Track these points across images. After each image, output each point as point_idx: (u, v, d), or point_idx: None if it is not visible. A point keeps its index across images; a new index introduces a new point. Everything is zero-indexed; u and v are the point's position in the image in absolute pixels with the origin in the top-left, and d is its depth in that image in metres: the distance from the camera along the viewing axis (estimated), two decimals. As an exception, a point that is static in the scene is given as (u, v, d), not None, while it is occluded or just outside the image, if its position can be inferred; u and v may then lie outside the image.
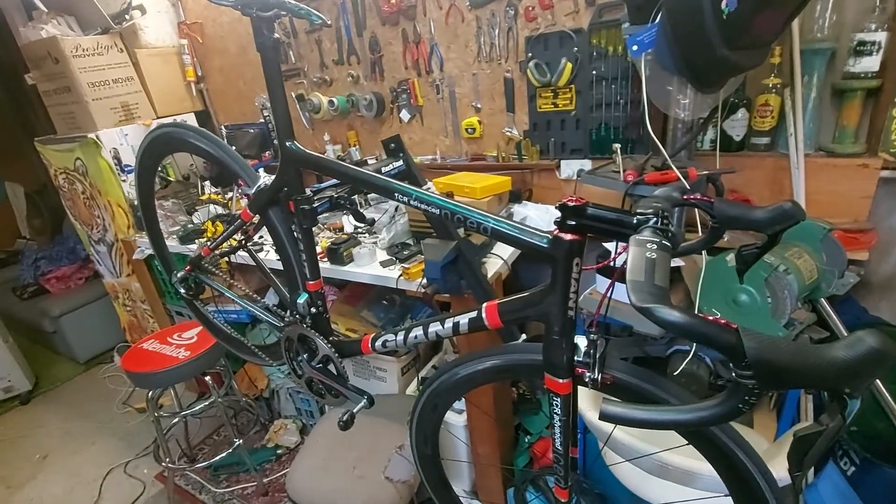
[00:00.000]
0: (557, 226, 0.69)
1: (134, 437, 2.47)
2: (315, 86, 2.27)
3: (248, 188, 1.04)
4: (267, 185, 1.03)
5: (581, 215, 0.66)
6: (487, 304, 0.81)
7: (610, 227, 0.65)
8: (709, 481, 1.02)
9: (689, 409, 0.51)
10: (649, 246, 0.57)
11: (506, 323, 0.80)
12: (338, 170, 0.89)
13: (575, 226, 0.67)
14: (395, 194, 0.82)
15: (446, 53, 1.91)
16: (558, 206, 0.68)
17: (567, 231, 0.68)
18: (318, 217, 1.01)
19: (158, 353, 1.86)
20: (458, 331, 0.85)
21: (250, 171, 1.07)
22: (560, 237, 0.68)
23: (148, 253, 2.32)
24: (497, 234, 0.74)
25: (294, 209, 0.98)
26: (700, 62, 1.01)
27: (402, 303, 1.92)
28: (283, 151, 0.97)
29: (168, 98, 2.54)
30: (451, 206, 0.77)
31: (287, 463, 2.14)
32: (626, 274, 0.54)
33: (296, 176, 0.98)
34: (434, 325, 0.89)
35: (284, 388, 2.24)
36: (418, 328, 0.92)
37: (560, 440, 0.81)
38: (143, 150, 1.24)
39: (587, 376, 0.73)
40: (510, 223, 0.74)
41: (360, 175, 0.86)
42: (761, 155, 1.57)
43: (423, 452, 1.06)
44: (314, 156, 0.93)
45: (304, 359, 1.13)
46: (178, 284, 1.32)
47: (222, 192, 2.49)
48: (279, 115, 0.94)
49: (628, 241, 0.63)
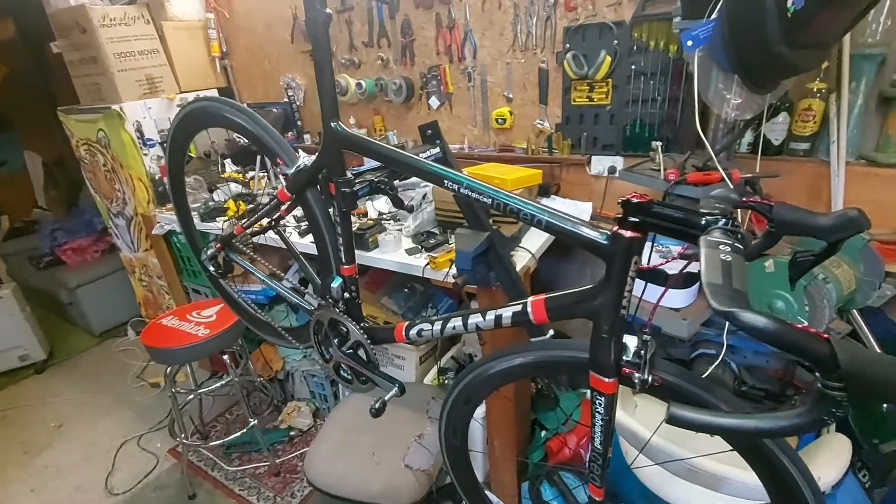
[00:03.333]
0: (617, 222, 0.67)
1: (147, 410, 2.49)
2: (343, 67, 2.24)
3: (287, 167, 1.03)
4: (307, 166, 1.01)
5: (645, 212, 0.64)
6: (534, 299, 0.80)
7: (675, 226, 0.63)
8: (738, 486, 1.01)
9: (770, 418, 0.49)
10: (722, 248, 0.55)
11: (552, 319, 0.78)
12: (385, 154, 0.87)
13: (637, 223, 0.65)
14: (445, 182, 0.81)
15: (480, 40, 1.87)
16: (621, 203, 0.66)
17: (628, 228, 0.66)
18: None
19: (178, 329, 1.86)
20: (501, 324, 0.84)
21: (289, 149, 1.06)
22: (620, 234, 0.66)
23: (168, 228, 2.32)
24: (552, 228, 0.73)
25: (335, 192, 0.97)
26: (756, 60, 0.98)
27: (424, 291, 1.91)
28: (326, 132, 0.95)
29: (192, 73, 2.52)
30: (505, 197, 0.75)
31: (300, 445, 2.15)
32: (691, 279, 0.53)
33: (338, 158, 0.96)
34: (474, 316, 0.88)
35: (300, 371, 2.25)
36: (457, 319, 0.91)
37: (600, 439, 0.80)
38: (177, 124, 1.23)
39: (636, 377, 0.71)
40: (567, 217, 0.72)
41: (408, 160, 0.84)
42: (800, 160, 1.54)
43: (451, 443, 1.05)
44: (360, 138, 0.91)
45: (335, 343, 1.12)
46: (207, 262, 1.31)
47: (243, 170, 2.48)
48: (325, 94, 0.92)
49: (696, 241, 0.61)
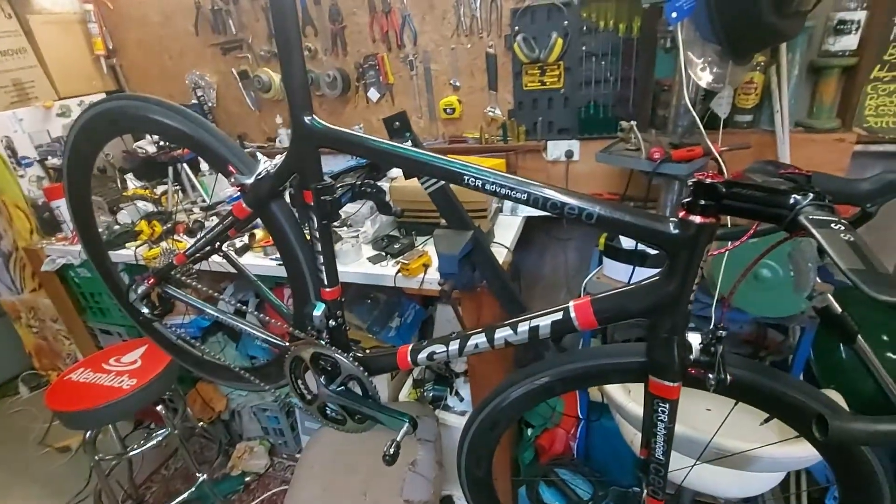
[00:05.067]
0: (685, 207, 0.58)
1: (60, 481, 2.07)
2: (263, 60, 1.99)
3: (244, 176, 0.83)
4: (269, 173, 0.83)
5: (720, 194, 0.56)
6: (577, 302, 0.70)
7: (758, 206, 0.55)
8: (767, 462, 0.99)
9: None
10: (836, 227, 0.48)
11: (601, 323, 0.69)
12: (386, 151, 0.71)
13: (710, 207, 0.57)
14: (465, 178, 0.67)
15: (420, 25, 1.73)
16: (692, 184, 0.57)
17: (699, 213, 0.57)
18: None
19: (94, 384, 1.53)
20: (538, 335, 0.73)
21: (243, 154, 0.86)
22: (690, 221, 0.58)
23: (62, 262, 1.93)
24: (605, 222, 0.62)
25: (313, 200, 0.79)
26: (744, 30, 0.96)
27: (387, 301, 1.75)
28: (297, 129, 0.77)
29: (72, 75, 2.11)
30: (546, 193, 0.64)
31: (259, 491, 1.90)
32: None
33: (314, 159, 0.79)
34: (502, 330, 0.76)
35: (248, 407, 1.98)
36: (479, 335, 0.78)
37: (662, 449, 0.72)
38: (78, 131, 0.96)
39: (711, 378, 0.64)
40: (623, 208, 0.62)
41: (419, 157, 0.70)
42: (745, 132, 1.59)
43: (473, 476, 0.92)
44: (344, 132, 0.75)
45: (322, 382, 0.94)
46: (137, 303, 1.06)
47: (150, 185, 2.14)
48: (295, 82, 0.75)
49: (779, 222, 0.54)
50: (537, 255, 1.98)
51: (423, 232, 1.54)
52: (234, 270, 1.08)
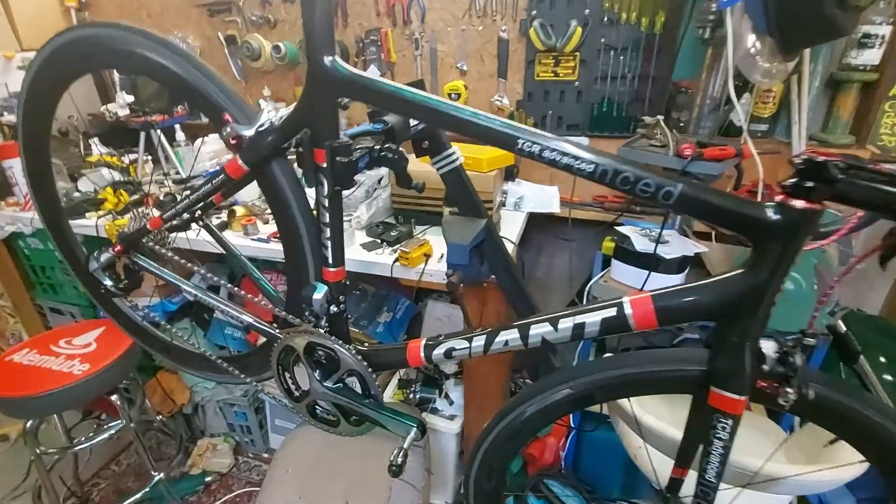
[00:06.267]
0: (786, 190, 0.50)
1: (-10, 475, 1.84)
2: (253, 26, 1.84)
3: (243, 127, 0.70)
4: (274, 125, 0.70)
5: (833, 176, 0.47)
6: (635, 298, 0.60)
7: (882, 194, 0.47)
8: (791, 485, 0.92)
9: None
10: None
11: (662, 323, 0.59)
12: (429, 107, 0.60)
13: (819, 190, 0.48)
14: (520, 143, 0.57)
15: (430, 2, 1.62)
16: (800, 163, 0.48)
17: (804, 196, 0.49)
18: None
19: (40, 367, 1.35)
20: (583, 334, 0.63)
21: (240, 101, 0.73)
22: (791, 205, 0.49)
23: (10, 230, 1.72)
24: (687, 204, 0.53)
25: (326, 161, 0.67)
26: (801, 22, 0.89)
27: (376, 293, 1.62)
28: (313, 72, 0.65)
29: (38, 26, 1.91)
30: (617, 166, 0.54)
31: (220, 492, 1.73)
32: None
33: (331, 112, 0.67)
34: (539, 326, 0.65)
35: (213, 401, 1.81)
36: (511, 331, 0.68)
37: (716, 470, 0.63)
38: (38, 67, 0.81)
39: (789, 393, 0.55)
40: (707, 188, 0.53)
41: (461, 114, 0.58)
42: (759, 141, 1.54)
43: (482, 488, 0.81)
44: (374, 80, 0.63)
45: (316, 376, 0.81)
46: (99, 273, 0.90)
47: (118, 153, 1.95)
48: (317, 18, 0.62)
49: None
50: (534, 255, 1.90)
51: (422, 220, 1.43)
52: (216, 248, 0.94)
